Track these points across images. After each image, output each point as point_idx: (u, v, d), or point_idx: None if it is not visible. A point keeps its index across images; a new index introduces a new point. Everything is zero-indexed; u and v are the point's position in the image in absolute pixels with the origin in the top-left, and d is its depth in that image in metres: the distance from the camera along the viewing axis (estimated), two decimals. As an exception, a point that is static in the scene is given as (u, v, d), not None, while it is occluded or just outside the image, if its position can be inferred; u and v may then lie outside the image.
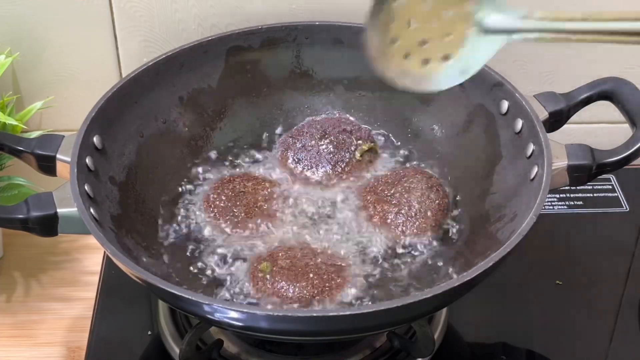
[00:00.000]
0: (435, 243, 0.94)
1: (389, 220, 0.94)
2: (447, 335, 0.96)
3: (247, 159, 1.03)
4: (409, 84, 0.78)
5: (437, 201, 0.95)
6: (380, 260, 0.92)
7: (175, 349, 0.94)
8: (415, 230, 0.93)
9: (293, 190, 0.99)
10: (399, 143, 1.05)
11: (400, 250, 0.93)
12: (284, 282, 0.87)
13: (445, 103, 1.02)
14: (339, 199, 0.98)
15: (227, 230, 0.94)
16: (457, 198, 0.98)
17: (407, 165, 1.02)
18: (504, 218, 0.90)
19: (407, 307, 0.74)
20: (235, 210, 0.95)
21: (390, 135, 1.05)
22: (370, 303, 0.87)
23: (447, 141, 1.02)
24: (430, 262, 0.92)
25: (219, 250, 0.93)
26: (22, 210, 0.82)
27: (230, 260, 0.92)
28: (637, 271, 1.06)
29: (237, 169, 1.02)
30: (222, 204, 0.95)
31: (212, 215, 0.95)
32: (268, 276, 0.88)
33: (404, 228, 0.94)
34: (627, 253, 1.09)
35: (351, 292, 0.88)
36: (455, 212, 0.97)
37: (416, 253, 0.93)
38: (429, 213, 0.94)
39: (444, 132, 1.02)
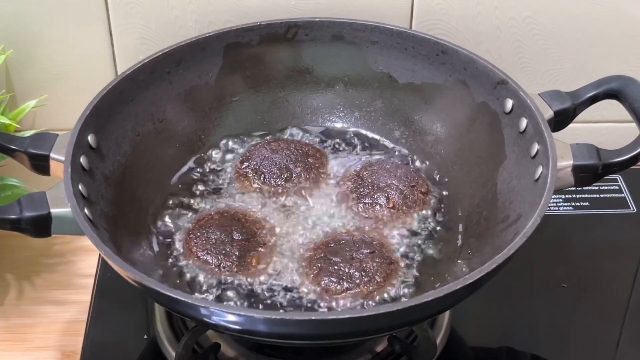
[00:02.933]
0: (438, 244, 0.93)
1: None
2: (449, 339, 0.95)
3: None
4: None
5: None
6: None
7: (171, 353, 0.93)
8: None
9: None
10: (401, 142, 1.04)
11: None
12: None
13: (448, 101, 1.01)
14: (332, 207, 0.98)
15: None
16: (460, 198, 0.97)
17: (411, 166, 1.01)
18: (508, 219, 0.89)
19: (408, 310, 0.73)
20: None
21: (391, 134, 1.05)
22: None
23: (449, 140, 1.01)
24: (432, 264, 0.91)
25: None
26: (14, 211, 0.81)
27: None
28: (644, 273, 1.06)
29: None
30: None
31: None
32: None
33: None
34: (635, 255, 1.08)
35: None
36: (459, 213, 0.96)
37: (417, 253, 0.92)
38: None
39: (446, 131, 1.01)
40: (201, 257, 0.90)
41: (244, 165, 1.00)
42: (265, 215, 0.95)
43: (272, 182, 0.98)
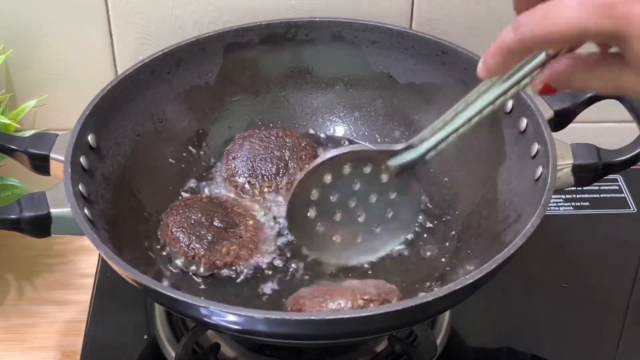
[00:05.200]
0: (438, 244, 0.93)
1: None
2: (450, 339, 0.95)
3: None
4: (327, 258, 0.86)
5: None
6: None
7: (171, 353, 0.93)
8: None
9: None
10: (400, 142, 1.03)
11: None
12: None
13: (448, 101, 0.99)
14: None
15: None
16: (460, 199, 0.97)
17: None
18: (508, 219, 0.89)
19: (408, 310, 0.73)
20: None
21: (391, 134, 1.05)
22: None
23: (449, 140, 1.00)
24: (433, 263, 0.91)
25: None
26: (14, 211, 0.81)
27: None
28: (644, 273, 1.06)
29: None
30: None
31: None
32: None
33: None
34: (635, 255, 1.08)
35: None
36: (458, 213, 0.95)
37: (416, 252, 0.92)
38: None
39: (446, 130, 1.01)
40: (175, 233, 0.90)
41: (231, 158, 0.99)
42: (251, 210, 0.95)
43: (262, 177, 0.97)
